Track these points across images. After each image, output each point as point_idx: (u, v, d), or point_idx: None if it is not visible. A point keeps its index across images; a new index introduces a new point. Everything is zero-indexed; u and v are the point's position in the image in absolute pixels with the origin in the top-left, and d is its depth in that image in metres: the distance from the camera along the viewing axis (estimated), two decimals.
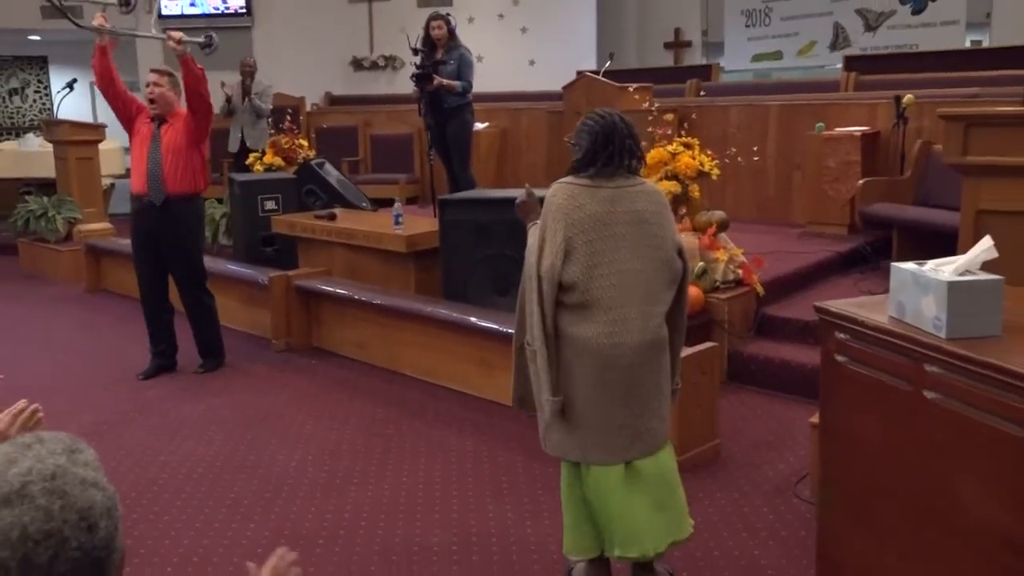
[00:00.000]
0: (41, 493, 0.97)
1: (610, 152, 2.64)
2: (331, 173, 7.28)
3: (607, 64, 8.34)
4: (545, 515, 3.45)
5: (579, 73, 8.38)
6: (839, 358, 2.41)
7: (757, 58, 11.27)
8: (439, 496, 3.65)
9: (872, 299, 2.53)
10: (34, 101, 12.88)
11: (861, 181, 6.23)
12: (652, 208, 2.67)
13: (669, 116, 6.55)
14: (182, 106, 5.12)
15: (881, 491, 2.31)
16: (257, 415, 4.62)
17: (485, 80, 7.18)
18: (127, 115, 5.09)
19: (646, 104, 6.55)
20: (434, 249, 5.43)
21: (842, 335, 2.39)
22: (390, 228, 5.70)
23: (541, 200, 2.83)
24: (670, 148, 5.18)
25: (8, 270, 8.70)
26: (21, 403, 2.08)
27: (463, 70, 6.64)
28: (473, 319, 4.80)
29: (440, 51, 6.68)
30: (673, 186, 5.02)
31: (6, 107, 12.75)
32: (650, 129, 5.56)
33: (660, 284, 2.68)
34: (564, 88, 8.11)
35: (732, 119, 7.55)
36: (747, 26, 11.29)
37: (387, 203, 7.02)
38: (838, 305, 2.44)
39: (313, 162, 7.29)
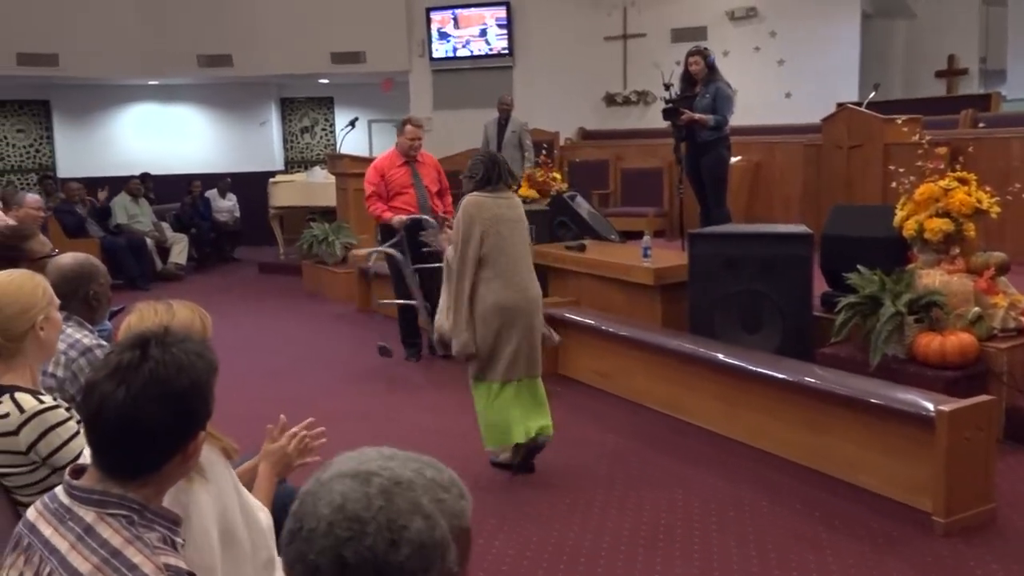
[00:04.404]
0: (378, 487, 1.01)
1: (498, 173, 4.06)
2: (582, 205, 7.40)
3: (871, 95, 7.87)
4: (793, 566, 3.26)
5: (839, 105, 7.97)
6: None
7: None
8: (680, 532, 3.56)
9: None
10: (321, 138, 14.22)
11: None
12: (521, 212, 4.15)
13: (941, 149, 6.04)
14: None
15: None
16: None
17: (738, 113, 6.99)
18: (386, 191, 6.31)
19: (915, 137, 6.07)
20: (682, 283, 5.35)
21: None
22: (638, 260, 5.69)
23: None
24: (942, 184, 4.77)
25: (293, 288, 9.63)
26: (310, 420, 2.29)
27: (719, 104, 6.52)
28: (720, 356, 4.67)
29: (699, 85, 6.62)
30: (945, 224, 4.61)
31: (297, 143, 14.18)
32: (919, 163, 5.15)
33: (530, 259, 4.15)
34: (823, 121, 7.74)
35: (1015, 152, 6.84)
36: None
37: (635, 236, 7.02)
38: None
39: (565, 195, 7.45)
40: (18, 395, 2.17)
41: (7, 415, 2.15)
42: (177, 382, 1.42)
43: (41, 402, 2.19)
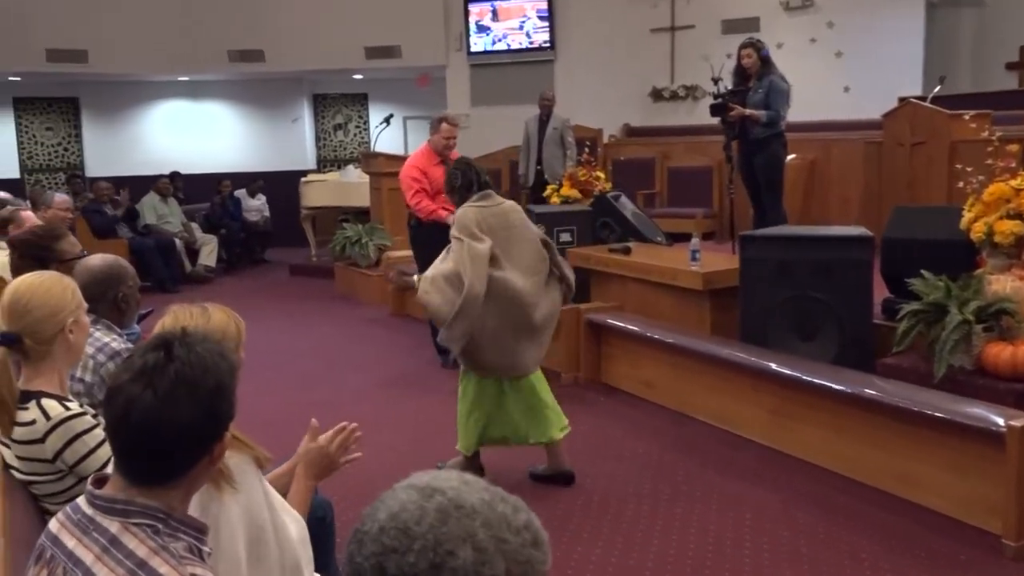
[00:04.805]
0: (436, 504, 0.99)
1: (477, 177, 4.20)
2: (626, 206, 7.38)
3: (936, 89, 7.75)
4: None
5: (901, 99, 7.86)
6: None
7: None
8: (730, 553, 3.52)
9: None
10: (355, 135, 14.36)
11: None
12: (520, 215, 4.22)
13: (1013, 147, 5.91)
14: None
15: None
16: (543, 449, 4.74)
17: (794, 109, 6.92)
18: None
19: (985, 133, 5.98)
20: (732, 288, 5.31)
21: None
22: (686, 264, 5.66)
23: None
24: (1014, 183, 4.67)
25: (325, 291, 9.73)
26: (343, 424, 2.29)
27: (772, 99, 6.46)
28: (772, 365, 4.62)
29: (752, 79, 6.57)
30: (1017, 226, 4.51)
31: (330, 141, 14.34)
32: (989, 161, 5.06)
33: (536, 261, 4.17)
34: (884, 116, 7.64)
35: None
36: None
37: (682, 238, 6.97)
38: None
39: (609, 195, 7.43)
40: (44, 401, 2.22)
41: (33, 422, 2.19)
42: (204, 382, 1.44)
43: (67, 409, 2.23)
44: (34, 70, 11.64)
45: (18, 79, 12.47)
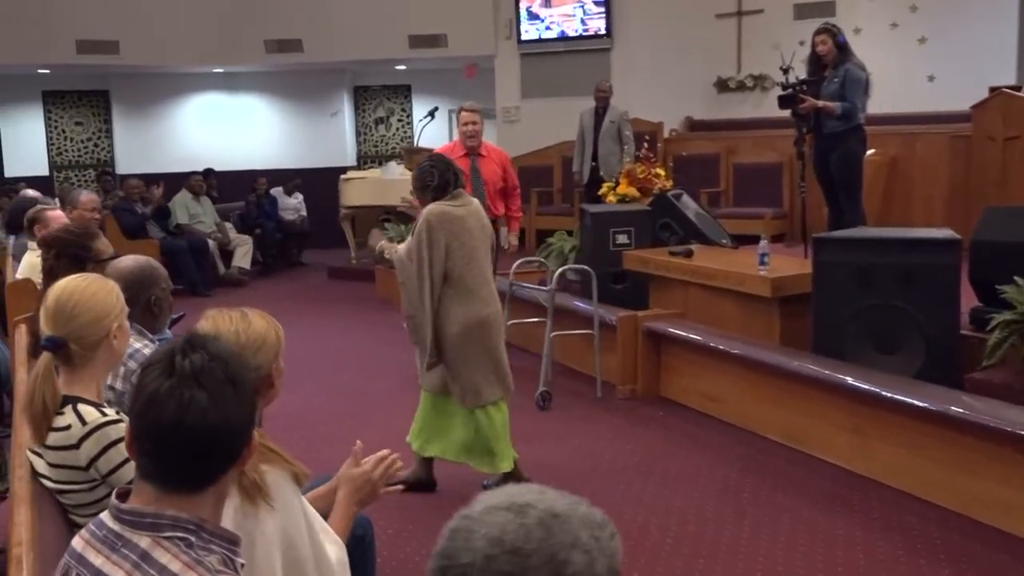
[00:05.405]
0: (536, 519, 1.06)
1: (454, 175, 4.21)
2: (689, 206, 7.35)
3: None
4: None
5: (993, 89, 7.73)
6: None
7: None
8: None
9: None
10: (397, 129, 14.48)
11: None
12: (486, 219, 4.38)
13: None
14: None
15: None
16: (598, 468, 4.75)
17: (873, 100, 6.82)
18: None
19: None
20: (804, 295, 5.26)
21: None
22: (753, 268, 5.62)
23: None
24: None
25: (365, 295, 9.81)
26: (387, 452, 2.32)
27: (848, 89, 6.37)
28: (848, 379, 4.58)
29: (828, 68, 6.50)
30: None
31: (371, 136, 14.49)
32: None
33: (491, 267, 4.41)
34: (973, 108, 7.53)
35: None
36: None
37: (750, 240, 6.93)
38: None
39: (670, 193, 7.40)
40: (81, 407, 2.27)
41: (68, 427, 2.25)
42: (245, 379, 1.51)
43: (104, 415, 2.28)
44: (64, 62, 11.94)
45: (47, 71, 12.82)
